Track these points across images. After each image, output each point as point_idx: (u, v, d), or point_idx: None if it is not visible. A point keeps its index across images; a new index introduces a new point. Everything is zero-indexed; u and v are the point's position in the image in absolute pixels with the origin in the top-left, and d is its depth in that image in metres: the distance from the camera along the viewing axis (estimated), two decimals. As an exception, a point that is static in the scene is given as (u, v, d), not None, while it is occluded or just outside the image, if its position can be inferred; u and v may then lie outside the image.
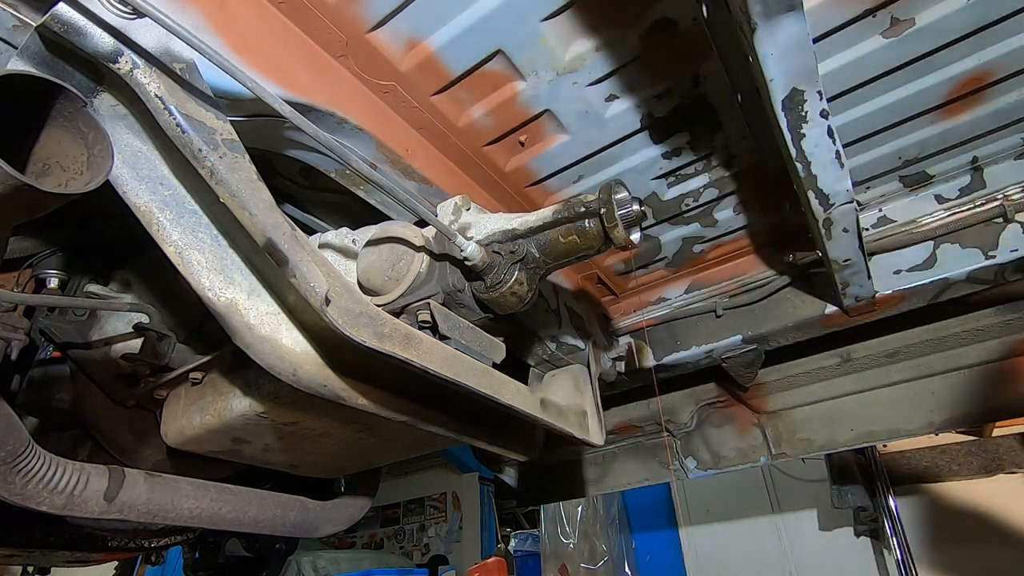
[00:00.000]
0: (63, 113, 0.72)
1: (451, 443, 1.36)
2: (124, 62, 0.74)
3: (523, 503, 2.86)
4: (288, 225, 0.80)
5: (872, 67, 1.27)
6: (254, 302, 0.85)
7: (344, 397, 0.94)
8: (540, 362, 1.65)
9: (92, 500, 1.00)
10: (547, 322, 1.56)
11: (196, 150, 0.75)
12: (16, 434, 0.90)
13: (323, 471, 1.54)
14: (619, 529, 4.58)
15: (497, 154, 1.46)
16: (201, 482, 1.21)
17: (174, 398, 1.24)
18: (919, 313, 1.83)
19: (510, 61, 1.20)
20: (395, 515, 6.26)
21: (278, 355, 0.84)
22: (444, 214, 1.16)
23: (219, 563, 2.71)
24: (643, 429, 2.52)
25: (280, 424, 1.16)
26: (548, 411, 1.25)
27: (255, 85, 0.73)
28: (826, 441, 2.13)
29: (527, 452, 1.52)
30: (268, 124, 1.02)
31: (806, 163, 1.15)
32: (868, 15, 1.16)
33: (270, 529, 1.36)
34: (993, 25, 1.19)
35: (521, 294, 1.02)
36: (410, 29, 1.12)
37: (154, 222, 0.81)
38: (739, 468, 2.31)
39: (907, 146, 1.52)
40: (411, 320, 1.05)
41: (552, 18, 1.12)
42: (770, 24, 0.89)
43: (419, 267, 1.06)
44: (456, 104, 1.30)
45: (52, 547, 1.35)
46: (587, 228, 0.97)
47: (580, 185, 1.58)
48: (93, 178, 0.71)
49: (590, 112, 1.34)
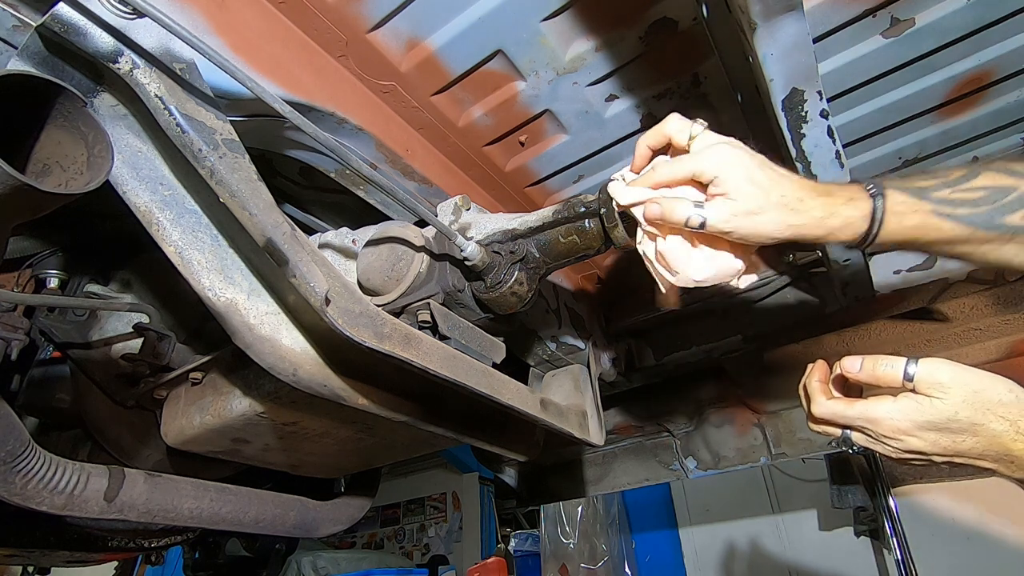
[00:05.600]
0: (63, 113, 0.72)
1: (451, 443, 1.36)
2: (124, 62, 0.74)
3: (523, 503, 2.86)
4: (288, 225, 0.80)
5: (872, 67, 1.27)
6: (254, 302, 0.85)
7: (344, 397, 0.94)
8: (540, 362, 1.65)
9: (92, 500, 1.00)
10: (547, 322, 1.56)
11: (196, 150, 0.75)
12: (16, 434, 0.90)
13: (323, 471, 1.54)
14: (619, 529, 4.57)
15: (497, 154, 1.46)
16: (201, 482, 1.21)
17: (174, 398, 1.24)
18: (919, 313, 1.83)
19: (510, 61, 1.20)
20: (395, 515, 6.26)
21: (278, 355, 0.84)
22: (444, 214, 1.16)
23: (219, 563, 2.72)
24: (643, 429, 2.52)
25: (280, 424, 1.16)
26: (548, 411, 1.25)
27: (255, 85, 0.73)
28: (826, 441, 2.12)
29: (527, 452, 1.52)
30: (268, 124, 1.02)
31: (806, 163, 1.16)
32: (868, 15, 1.16)
33: (270, 529, 1.36)
34: (993, 25, 1.19)
35: (521, 294, 1.02)
36: (410, 29, 1.12)
37: (154, 222, 0.81)
38: (739, 468, 2.30)
39: (907, 146, 1.52)
40: (411, 320, 1.05)
41: (552, 18, 1.12)
42: (770, 24, 0.89)
43: (419, 267, 1.06)
44: (456, 104, 1.30)
45: (52, 547, 1.35)
46: (587, 228, 0.97)
47: (580, 185, 1.58)
48: (93, 178, 0.71)
49: (590, 112, 1.34)
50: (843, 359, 0.84)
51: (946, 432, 0.76)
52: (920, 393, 0.77)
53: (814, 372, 0.89)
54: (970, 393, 0.74)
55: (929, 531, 3.39)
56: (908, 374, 0.77)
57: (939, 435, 0.76)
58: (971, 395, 0.74)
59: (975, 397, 0.74)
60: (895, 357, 0.79)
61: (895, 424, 0.77)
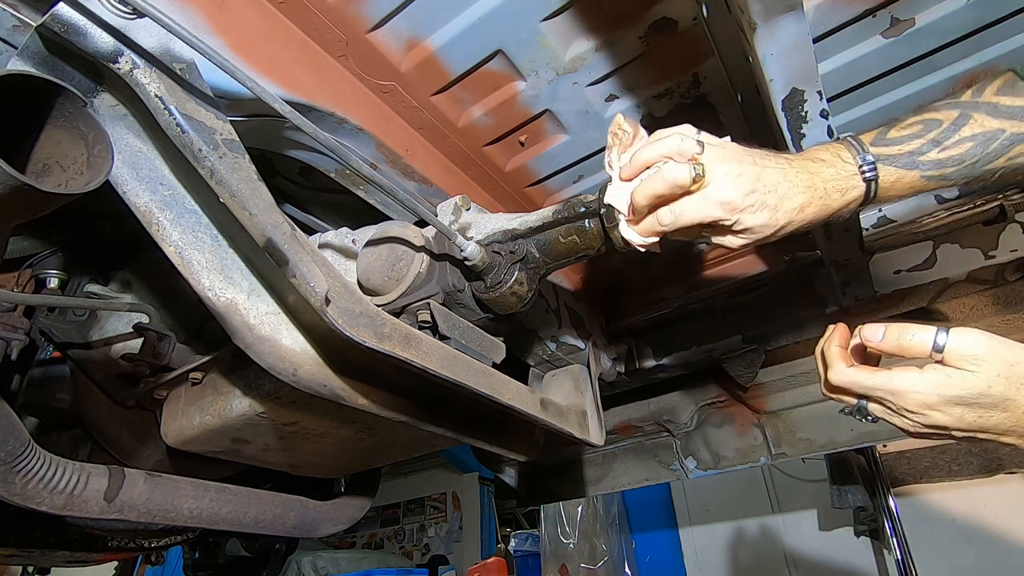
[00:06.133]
0: (63, 113, 0.72)
1: (451, 443, 1.35)
2: (124, 62, 0.74)
3: (523, 503, 2.86)
4: (288, 225, 0.80)
5: (872, 67, 1.27)
6: (254, 302, 0.84)
7: (344, 397, 0.94)
8: (540, 362, 1.65)
9: (92, 500, 1.00)
10: (547, 322, 1.56)
11: (196, 150, 0.75)
12: (16, 434, 0.90)
13: (323, 471, 1.54)
14: (619, 529, 4.57)
15: (497, 154, 1.46)
16: (201, 482, 1.21)
17: (174, 398, 1.24)
18: (919, 313, 1.83)
19: (510, 61, 1.20)
20: (395, 515, 6.26)
21: (278, 355, 0.84)
22: (444, 214, 1.16)
23: (219, 563, 2.71)
24: (643, 429, 2.52)
25: (280, 424, 1.16)
26: (548, 411, 1.25)
27: (255, 85, 0.73)
28: (826, 441, 2.13)
29: (527, 452, 1.52)
30: (268, 124, 1.02)
31: (806, 163, 1.15)
32: (868, 15, 1.16)
33: (270, 529, 1.36)
34: (993, 25, 1.19)
35: (521, 294, 1.02)
36: (410, 29, 1.12)
37: (154, 222, 0.81)
38: (739, 468, 2.30)
39: (907, 146, 1.52)
40: (411, 320, 1.05)
41: (552, 18, 1.12)
42: (770, 24, 0.89)
43: (419, 267, 1.06)
44: (456, 104, 1.30)
45: (52, 547, 1.35)
46: (587, 228, 0.97)
47: (580, 185, 1.58)
48: (93, 178, 0.71)
49: (590, 112, 1.34)
50: (863, 327, 0.78)
51: (974, 407, 0.71)
52: (950, 365, 0.71)
53: (834, 336, 0.83)
54: (1005, 367, 0.69)
55: (929, 531, 3.40)
56: (938, 344, 0.71)
57: (966, 410, 0.71)
58: (1006, 368, 0.69)
59: (1010, 371, 0.69)
60: (923, 326, 0.73)
61: (920, 398, 0.72)
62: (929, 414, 0.73)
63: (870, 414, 0.79)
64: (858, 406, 0.79)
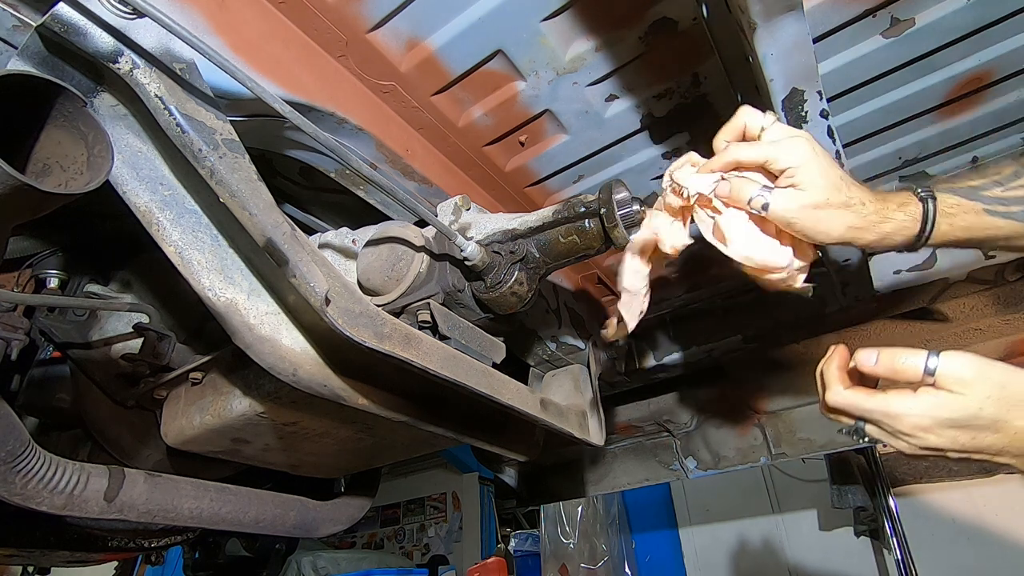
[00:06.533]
0: (63, 113, 0.72)
1: (451, 443, 1.36)
2: (124, 62, 0.74)
3: (523, 503, 2.86)
4: (288, 225, 0.80)
5: (872, 67, 1.27)
6: (254, 302, 0.85)
7: (344, 397, 0.94)
8: (540, 362, 1.65)
9: (92, 500, 1.00)
10: (547, 322, 1.56)
11: (196, 150, 0.75)
12: (16, 434, 0.90)
13: (323, 471, 1.54)
14: (619, 529, 4.57)
15: (497, 154, 1.46)
16: (201, 482, 1.21)
17: (174, 398, 1.24)
18: (919, 313, 1.83)
19: (510, 61, 1.20)
20: (395, 515, 6.26)
21: (278, 355, 0.84)
22: (444, 214, 1.16)
23: (219, 563, 2.71)
24: (643, 429, 2.52)
25: (280, 424, 1.16)
26: (548, 411, 1.25)
27: (255, 85, 0.73)
28: (826, 441, 2.13)
29: (527, 452, 1.52)
30: (268, 124, 1.02)
31: (806, 163, 1.15)
32: (868, 15, 1.16)
33: (270, 529, 1.36)
34: (993, 25, 1.19)
35: (521, 294, 1.02)
36: (410, 29, 1.12)
37: (154, 222, 0.81)
38: (739, 468, 2.30)
39: (907, 146, 1.52)
40: (411, 320, 1.05)
41: (552, 18, 1.12)
42: (770, 24, 0.89)
43: (419, 267, 1.06)
44: (456, 104, 1.30)
45: (52, 547, 1.35)
46: (587, 228, 0.97)
47: (580, 185, 1.58)
48: (93, 178, 0.71)
49: (590, 112, 1.34)
50: (857, 352, 0.80)
51: (967, 429, 0.72)
52: (941, 388, 0.73)
53: (832, 357, 0.85)
54: (995, 389, 0.71)
55: (929, 531, 3.40)
56: (929, 368, 0.73)
57: (959, 432, 0.73)
58: (996, 391, 0.71)
59: (1000, 393, 0.71)
60: (914, 350, 0.75)
61: (915, 420, 0.74)
62: (924, 436, 0.75)
63: (867, 435, 0.80)
64: (855, 427, 0.81)
